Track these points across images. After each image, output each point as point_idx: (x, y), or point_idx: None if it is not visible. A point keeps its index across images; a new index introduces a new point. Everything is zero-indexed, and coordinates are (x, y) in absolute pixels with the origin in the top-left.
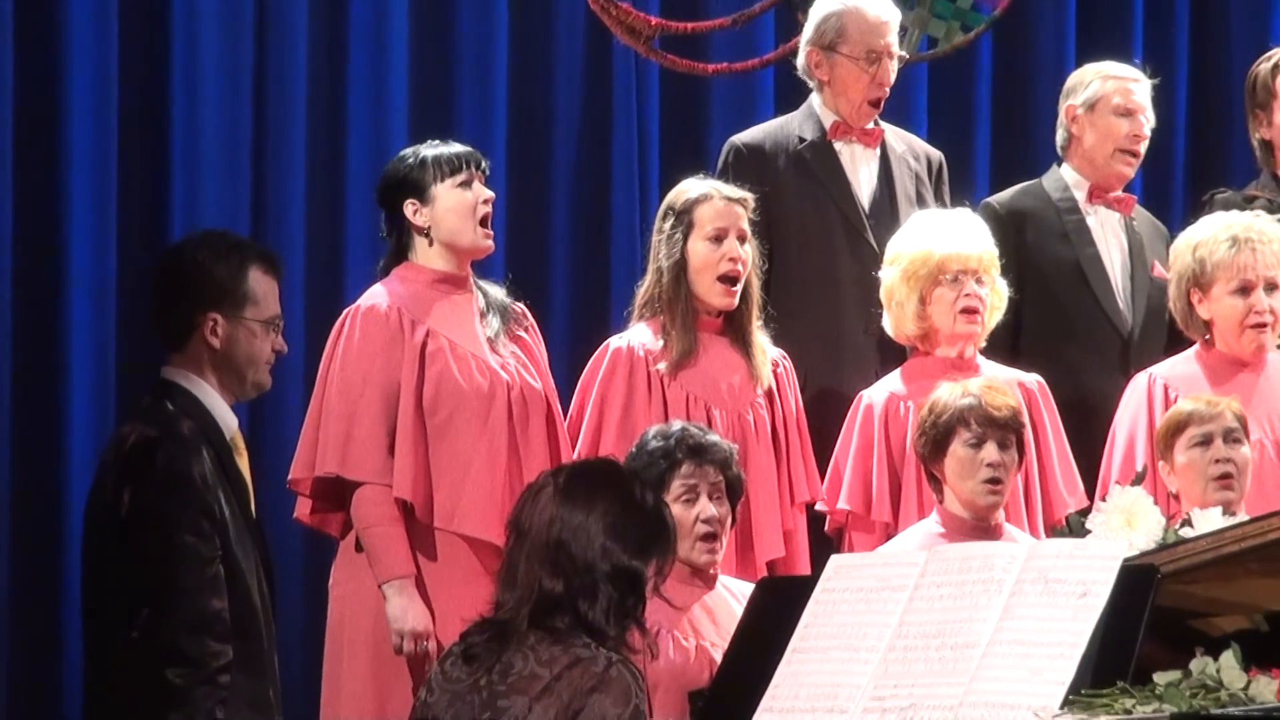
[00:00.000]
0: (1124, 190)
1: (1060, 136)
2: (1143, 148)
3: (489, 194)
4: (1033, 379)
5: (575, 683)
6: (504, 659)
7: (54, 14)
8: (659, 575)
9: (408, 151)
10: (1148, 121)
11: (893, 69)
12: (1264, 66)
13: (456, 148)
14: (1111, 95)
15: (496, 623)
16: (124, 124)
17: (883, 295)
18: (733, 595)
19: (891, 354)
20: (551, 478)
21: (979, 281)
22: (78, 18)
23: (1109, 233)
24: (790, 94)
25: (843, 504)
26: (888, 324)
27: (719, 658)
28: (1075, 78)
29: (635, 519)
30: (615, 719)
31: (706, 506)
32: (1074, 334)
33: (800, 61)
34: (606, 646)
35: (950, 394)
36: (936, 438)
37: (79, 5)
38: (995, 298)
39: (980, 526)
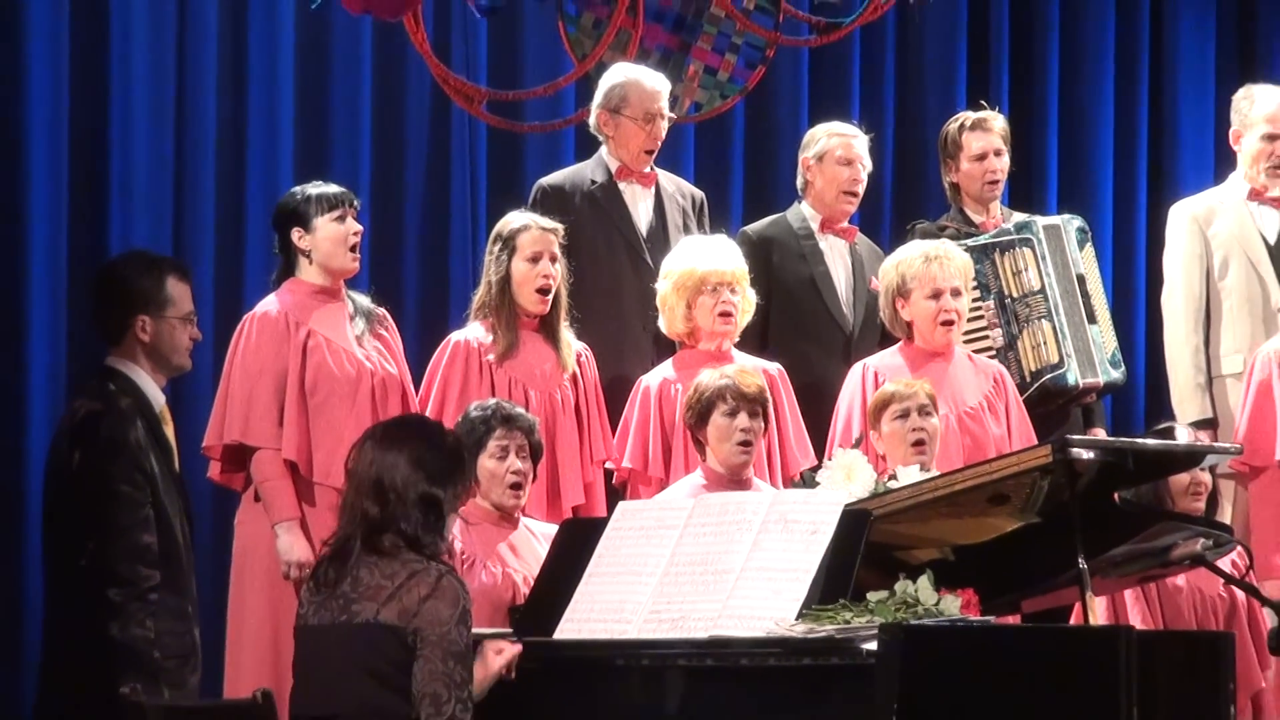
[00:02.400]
0: (848, 222)
1: (799, 181)
2: (861, 189)
3: (358, 228)
4: (775, 367)
5: (414, 590)
6: (353, 575)
7: (16, 81)
8: (458, 498)
9: (297, 189)
10: (864, 169)
11: (664, 127)
12: (953, 126)
13: (335, 189)
14: (835, 149)
15: (337, 547)
16: (73, 162)
17: (658, 302)
18: (533, 534)
19: (664, 348)
20: (371, 431)
21: (733, 291)
22: (36, 84)
23: (836, 255)
24: (586, 146)
25: (627, 463)
26: (662, 324)
27: (521, 582)
28: (809, 135)
29: (434, 455)
30: (448, 618)
31: (514, 462)
32: (808, 333)
33: (592, 120)
34: (426, 555)
35: (710, 377)
36: (700, 410)
37: (37, 75)
38: (746, 304)
39: (735, 480)
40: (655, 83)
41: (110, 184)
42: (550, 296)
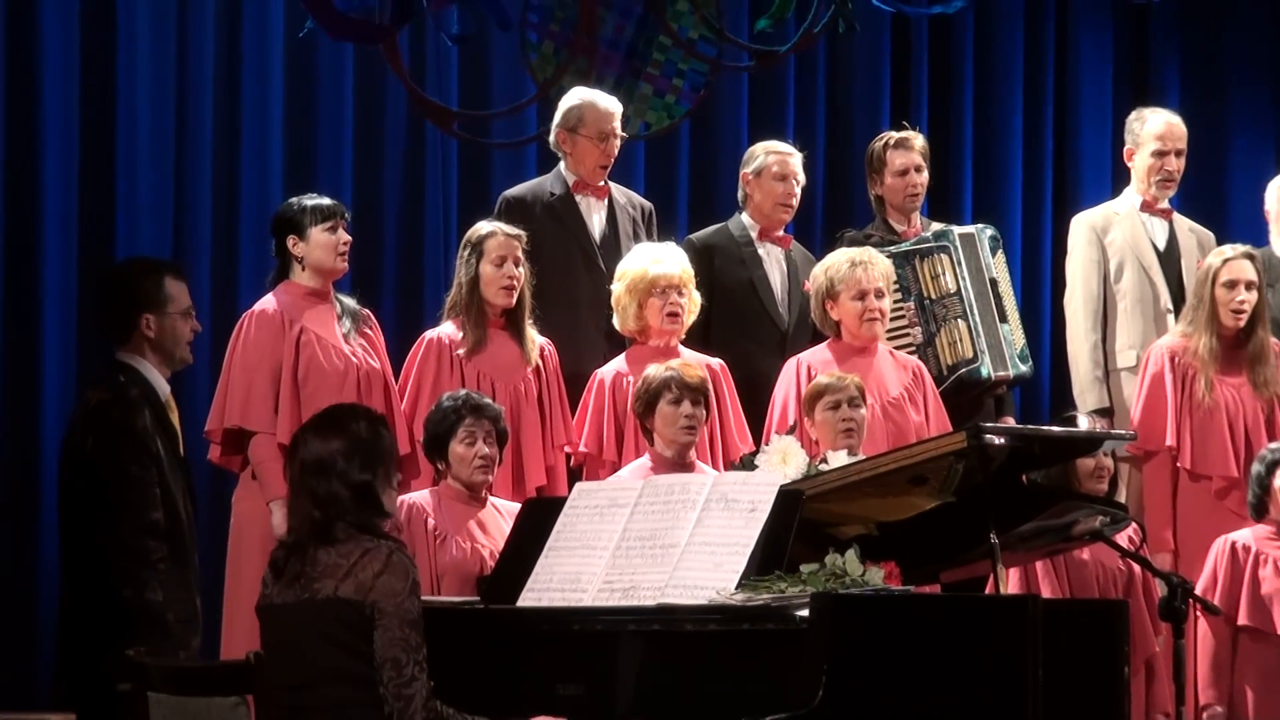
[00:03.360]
0: (783, 231)
1: (739, 193)
2: (795, 202)
3: (347, 238)
4: (717, 362)
5: (368, 567)
6: (310, 556)
7: (33, 109)
8: (390, 472)
9: (294, 200)
10: (798, 183)
11: (617, 145)
12: (878, 144)
13: (329, 201)
14: (772, 165)
15: (293, 546)
16: (83, 177)
17: (612, 303)
18: (499, 512)
19: (615, 344)
20: (299, 435)
21: (680, 294)
22: (49, 111)
23: (773, 261)
24: (546, 161)
25: (583, 447)
26: (615, 322)
27: (488, 556)
28: (749, 153)
29: (353, 445)
30: (400, 590)
31: (482, 447)
32: (747, 331)
33: (551, 138)
34: (376, 535)
35: (657, 370)
36: (649, 400)
37: (50, 103)
38: (691, 304)
39: (680, 463)
40: (609, 104)
41: (116, 197)
42: (515, 295)
